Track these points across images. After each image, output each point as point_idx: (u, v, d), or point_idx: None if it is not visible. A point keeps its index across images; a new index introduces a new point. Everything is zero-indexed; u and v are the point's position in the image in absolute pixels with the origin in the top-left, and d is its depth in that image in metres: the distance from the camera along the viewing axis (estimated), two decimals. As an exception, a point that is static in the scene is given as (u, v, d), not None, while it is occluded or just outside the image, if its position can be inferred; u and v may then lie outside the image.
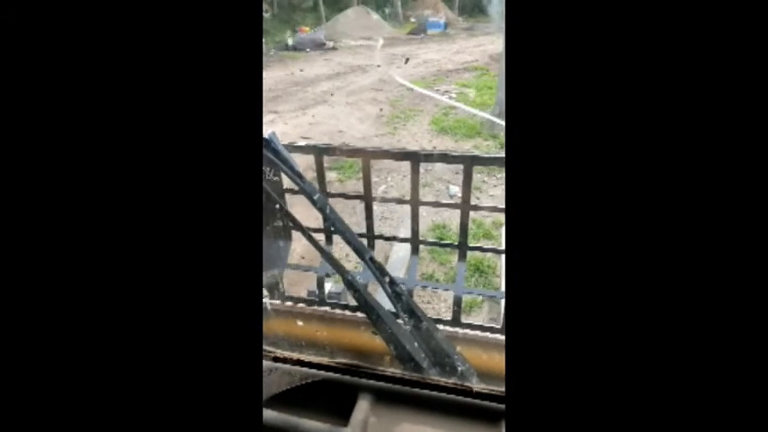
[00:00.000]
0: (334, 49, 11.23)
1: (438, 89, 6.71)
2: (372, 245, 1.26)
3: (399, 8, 16.63)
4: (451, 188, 3.47)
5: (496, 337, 0.80)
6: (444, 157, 1.27)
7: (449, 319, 1.17)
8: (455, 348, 0.66)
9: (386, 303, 0.73)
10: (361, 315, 0.71)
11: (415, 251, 1.30)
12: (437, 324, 0.73)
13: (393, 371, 0.61)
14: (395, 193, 3.39)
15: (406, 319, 0.68)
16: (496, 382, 0.58)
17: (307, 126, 5.07)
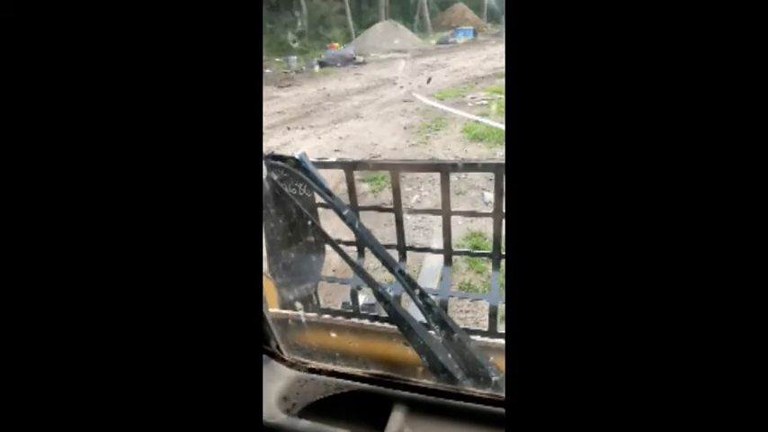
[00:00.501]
0: (363, 63, 11.43)
1: (474, 97, 6.69)
2: (404, 256, 1.27)
3: (428, 19, 16.75)
4: (486, 195, 3.43)
5: None
6: (473, 166, 1.26)
7: (484, 329, 1.15)
8: (489, 358, 0.65)
9: (418, 315, 0.73)
10: (394, 327, 0.71)
11: (448, 262, 1.28)
12: (473, 334, 0.72)
13: (426, 382, 0.61)
14: (428, 203, 3.38)
15: (437, 329, 0.68)
16: None
17: (339, 140, 5.16)
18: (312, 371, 0.65)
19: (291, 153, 0.91)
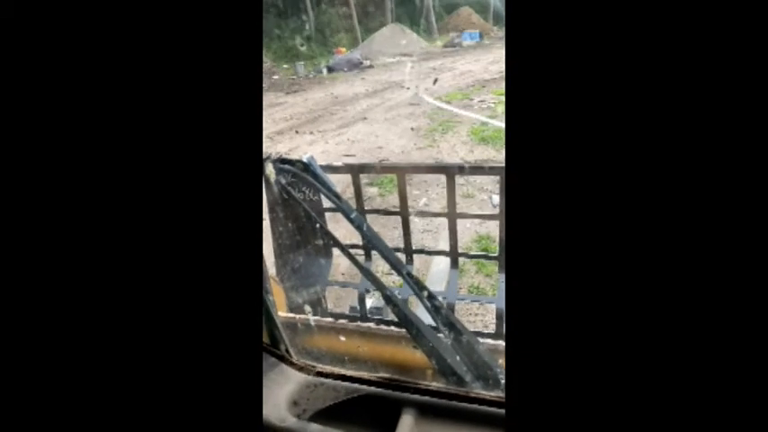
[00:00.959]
0: (370, 67, 11.47)
1: (481, 100, 6.69)
2: (411, 259, 1.27)
3: (434, 22, 16.77)
4: (494, 198, 3.43)
5: None
6: (479, 168, 1.27)
7: (492, 332, 1.15)
8: (497, 361, 0.65)
9: (426, 318, 0.72)
10: (402, 330, 0.71)
11: (455, 265, 1.29)
12: (480, 337, 0.72)
13: (436, 385, 0.61)
14: (436, 205, 3.39)
15: (446, 332, 0.67)
16: None
17: (347, 144, 5.19)
18: (321, 374, 0.66)
19: (299, 156, 0.92)
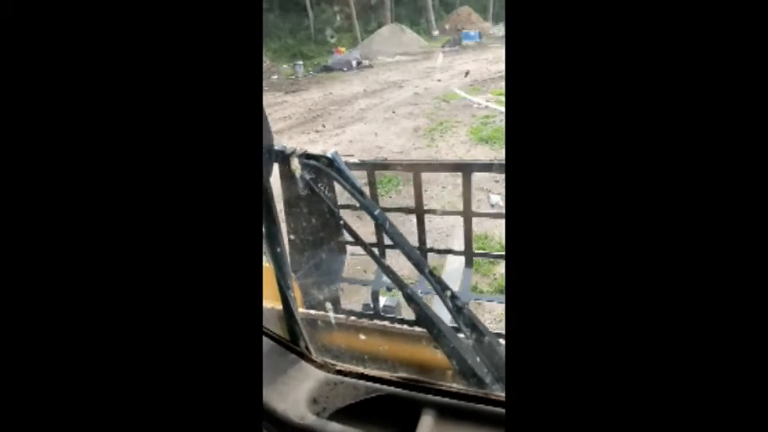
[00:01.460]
0: (370, 66, 11.48)
1: (481, 100, 6.70)
2: (425, 258, 1.26)
3: (433, 22, 16.77)
4: (492, 197, 3.45)
5: None
6: (494, 167, 1.27)
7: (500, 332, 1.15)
8: None
9: (444, 317, 0.71)
10: (422, 329, 0.70)
11: (469, 264, 1.27)
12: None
13: (456, 386, 0.60)
14: (434, 204, 3.41)
15: (467, 333, 0.67)
16: None
17: (346, 144, 5.20)
18: (341, 373, 0.65)
19: (323, 152, 0.91)
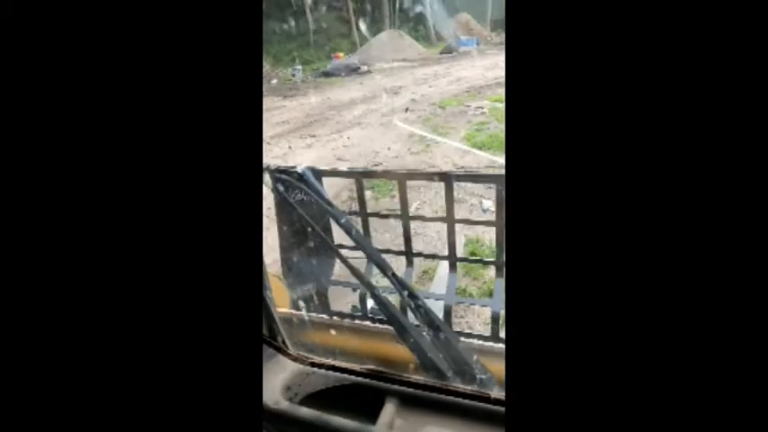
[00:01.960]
0: (368, 72, 11.57)
1: (469, 105, 6.78)
2: (411, 263, 1.32)
3: (432, 28, 16.90)
4: (484, 203, 3.50)
5: None
6: (477, 176, 1.32)
7: (486, 334, 1.19)
8: (474, 357, 0.70)
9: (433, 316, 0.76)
10: (389, 327, 0.76)
11: (453, 268, 1.33)
12: (476, 339, 0.77)
13: (417, 378, 0.65)
14: (427, 209, 3.46)
15: (427, 330, 0.73)
16: None
17: (343, 148, 5.26)
18: (314, 365, 0.71)
19: (295, 166, 0.97)
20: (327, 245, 1.27)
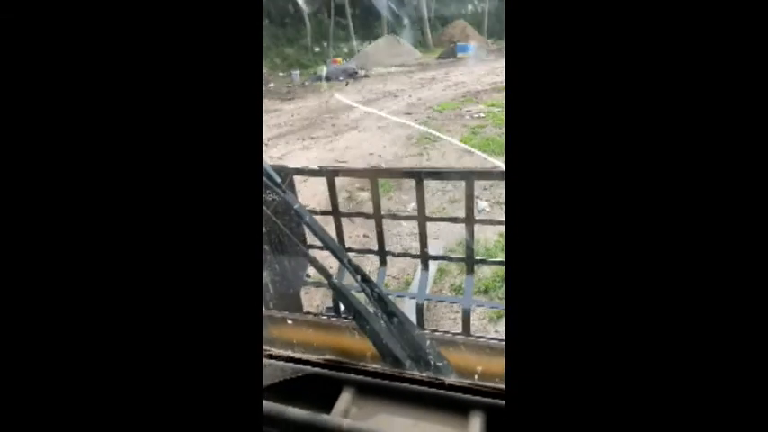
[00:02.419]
0: (366, 77, 11.64)
1: (471, 110, 6.85)
2: (384, 261, 1.34)
3: (429, 34, 17.03)
4: (480, 203, 3.55)
5: (491, 341, 0.84)
6: (440, 174, 1.35)
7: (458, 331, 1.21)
8: (427, 342, 0.72)
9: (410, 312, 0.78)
10: (347, 320, 0.77)
11: (425, 267, 1.34)
12: (453, 335, 0.79)
13: (374, 366, 0.66)
14: (426, 209, 3.50)
15: (385, 318, 0.74)
16: (471, 376, 0.65)
17: (341, 150, 5.30)
18: (271, 357, 0.72)
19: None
20: (297, 244, 1.29)
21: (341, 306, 1.32)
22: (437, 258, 1.47)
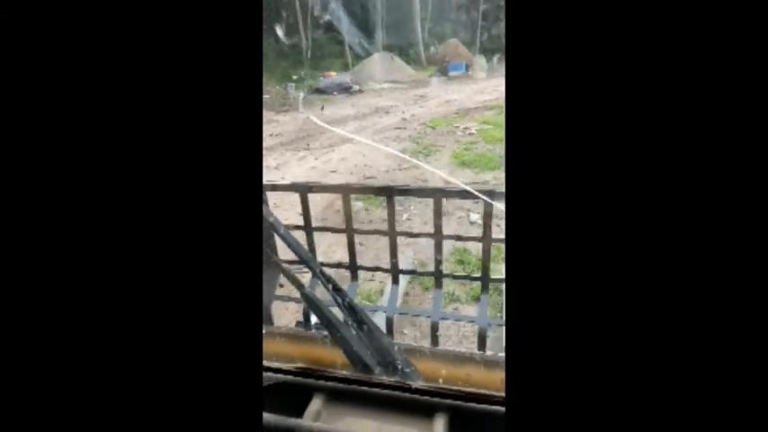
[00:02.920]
0: (360, 91, 11.82)
1: (466, 127, 7.02)
2: (356, 276, 1.36)
3: (422, 52, 17.36)
4: (472, 216, 3.66)
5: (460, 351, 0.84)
6: (418, 191, 1.40)
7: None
8: (395, 348, 0.74)
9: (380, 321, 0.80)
10: (319, 332, 0.79)
11: (396, 281, 1.37)
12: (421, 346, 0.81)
13: (345, 373, 0.68)
14: (418, 221, 3.61)
15: (355, 326, 0.76)
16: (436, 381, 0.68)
17: (336, 162, 5.40)
18: None
19: None
20: (270, 255, 1.31)
21: (312, 319, 1.33)
22: (407, 273, 1.50)
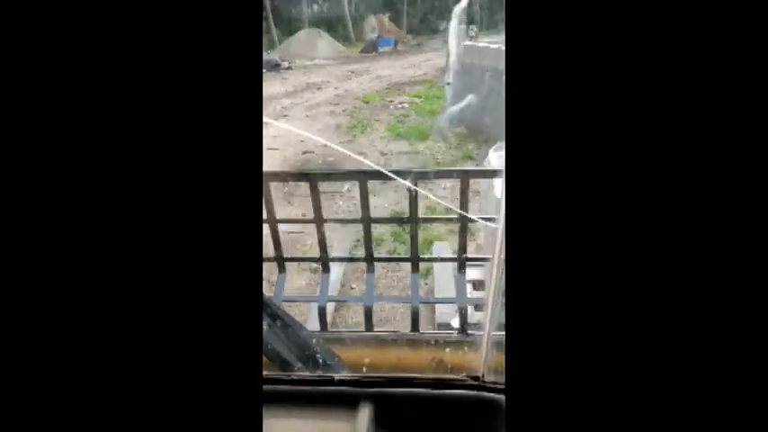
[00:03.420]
0: (289, 68, 11.56)
1: (391, 100, 7.17)
2: (283, 267, 1.30)
3: (351, 28, 17.18)
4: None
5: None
6: (340, 175, 1.37)
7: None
8: (314, 341, 0.72)
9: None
10: None
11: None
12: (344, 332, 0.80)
13: (266, 372, 0.63)
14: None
15: (269, 321, 0.73)
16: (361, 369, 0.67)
17: (270, 138, 5.34)
18: None
19: None
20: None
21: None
22: (337, 260, 1.47)
